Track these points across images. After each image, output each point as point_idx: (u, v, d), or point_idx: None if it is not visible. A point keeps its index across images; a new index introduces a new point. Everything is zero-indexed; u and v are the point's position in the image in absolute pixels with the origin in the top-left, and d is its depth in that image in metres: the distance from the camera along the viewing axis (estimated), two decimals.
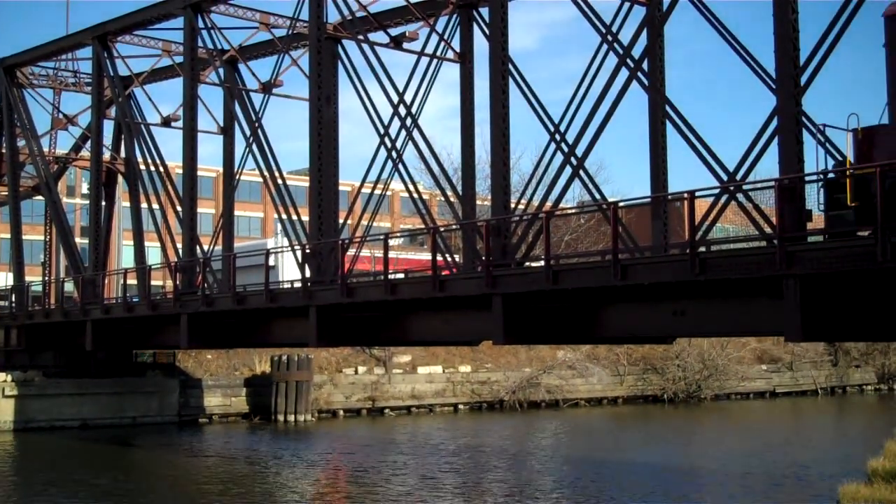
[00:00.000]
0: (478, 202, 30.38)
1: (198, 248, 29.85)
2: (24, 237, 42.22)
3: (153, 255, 43.96)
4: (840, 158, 15.15)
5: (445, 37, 26.33)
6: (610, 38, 19.27)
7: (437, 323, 22.59)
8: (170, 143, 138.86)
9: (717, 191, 17.11)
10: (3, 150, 41.79)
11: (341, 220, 27.67)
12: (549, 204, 20.37)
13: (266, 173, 27.83)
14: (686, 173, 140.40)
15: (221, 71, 33.27)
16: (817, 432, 39.62)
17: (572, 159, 19.92)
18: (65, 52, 39.23)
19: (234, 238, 33.16)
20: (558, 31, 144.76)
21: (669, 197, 21.47)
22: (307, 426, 40.87)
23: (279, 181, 27.66)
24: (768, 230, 15.74)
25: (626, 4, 22.73)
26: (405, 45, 27.87)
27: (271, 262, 27.51)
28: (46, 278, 43.87)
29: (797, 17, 15.25)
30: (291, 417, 41.83)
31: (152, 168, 32.99)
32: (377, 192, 24.59)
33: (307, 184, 26.30)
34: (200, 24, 30.19)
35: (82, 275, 35.54)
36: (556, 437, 38.19)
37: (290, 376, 42.23)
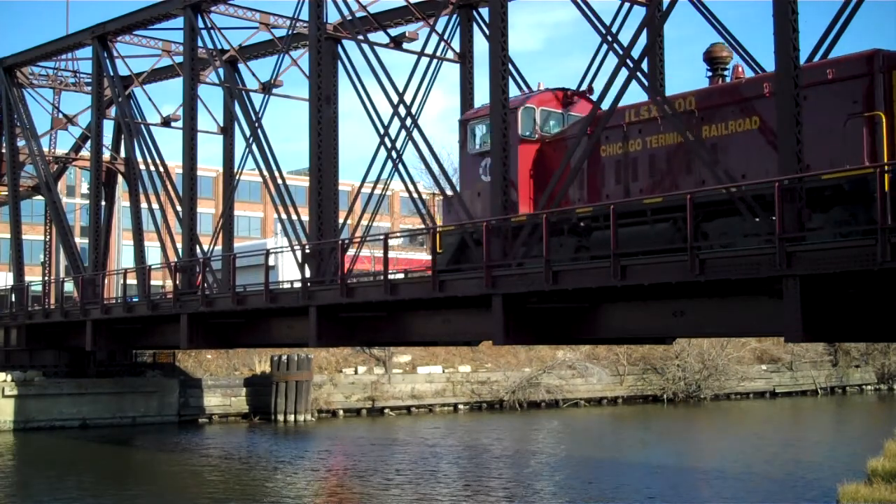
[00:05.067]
0: None
1: (198, 247, 29.84)
2: (24, 237, 42.25)
3: (153, 255, 43.97)
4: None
5: (445, 37, 26.34)
6: (610, 38, 19.25)
7: (437, 323, 22.56)
8: (170, 143, 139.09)
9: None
10: (3, 150, 41.81)
11: (341, 220, 27.67)
12: None
13: (266, 173, 27.81)
14: None
15: (221, 71, 33.29)
16: (817, 432, 39.61)
17: None
18: (65, 52, 39.23)
19: (234, 238, 33.18)
20: (562, 31, 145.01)
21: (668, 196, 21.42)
22: (307, 426, 40.87)
23: (279, 181, 27.65)
24: None
25: (627, 5, 22.77)
26: (405, 46, 27.88)
27: (271, 262, 27.50)
28: (46, 278, 43.89)
29: (797, 18, 15.22)
30: (291, 417, 41.84)
31: (152, 168, 32.98)
32: (377, 192, 24.57)
33: (307, 184, 26.30)
34: (200, 24, 30.19)
35: (82, 275, 35.53)
36: (556, 437, 38.19)
37: (290, 376, 42.22)
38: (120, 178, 44.08)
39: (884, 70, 15.07)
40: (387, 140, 23.88)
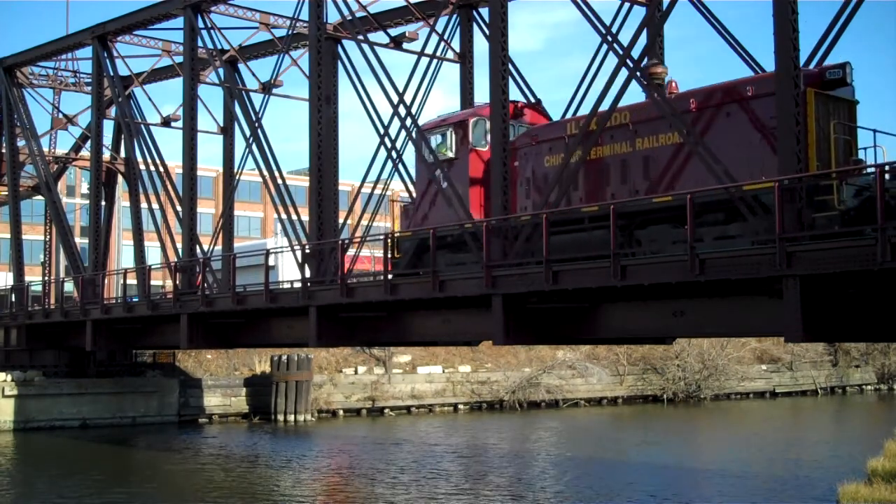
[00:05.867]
0: None
1: (198, 247, 29.84)
2: (24, 237, 42.25)
3: (153, 255, 43.98)
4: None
5: (445, 37, 26.34)
6: (610, 38, 19.25)
7: (437, 323, 22.56)
8: (170, 143, 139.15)
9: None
10: (3, 150, 41.81)
11: (341, 220, 27.66)
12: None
13: (266, 173, 27.81)
14: None
15: (221, 71, 33.29)
16: (817, 432, 39.62)
17: None
18: (65, 52, 39.24)
19: (234, 238, 33.17)
20: (563, 31, 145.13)
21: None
22: (307, 426, 40.88)
23: (279, 181, 27.65)
24: None
25: (627, 5, 22.77)
26: (405, 45, 27.87)
27: (271, 262, 27.50)
28: (46, 278, 43.89)
29: (797, 18, 15.23)
30: (291, 417, 41.86)
31: (152, 168, 32.98)
32: (377, 192, 24.59)
33: (307, 184, 26.29)
34: (200, 24, 30.19)
35: (82, 275, 35.53)
36: (557, 437, 38.19)
37: (290, 376, 42.24)
38: (120, 178, 44.09)
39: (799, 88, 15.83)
40: (387, 140, 23.89)
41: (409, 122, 23.20)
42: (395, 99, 23.43)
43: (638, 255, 16.72)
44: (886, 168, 13.70)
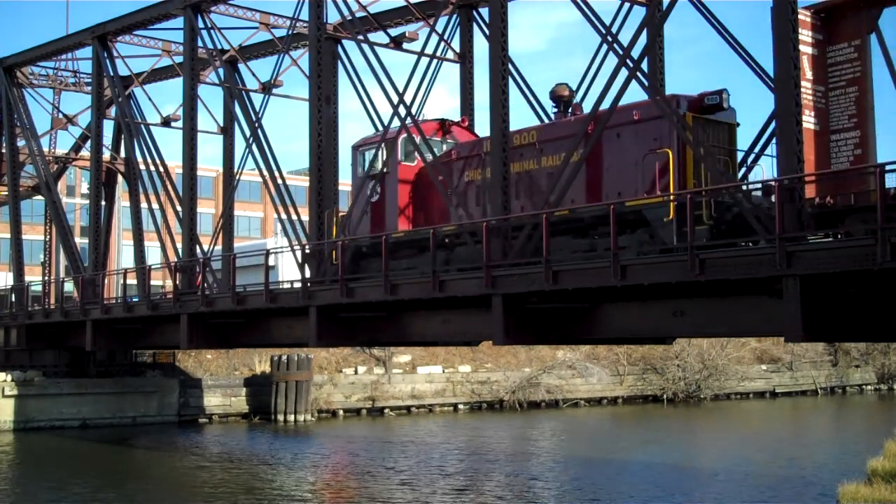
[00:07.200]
0: None
1: (198, 247, 29.84)
2: (24, 237, 42.25)
3: (153, 255, 43.98)
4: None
5: (445, 37, 26.36)
6: (610, 38, 19.26)
7: (437, 323, 22.55)
8: (170, 143, 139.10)
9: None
10: (3, 150, 41.81)
11: None
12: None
13: (266, 173, 27.82)
14: None
15: (221, 71, 33.29)
16: (817, 432, 39.62)
17: None
18: (65, 52, 39.24)
19: (234, 238, 33.17)
20: (566, 31, 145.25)
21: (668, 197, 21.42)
22: (307, 426, 40.88)
23: (279, 181, 27.66)
24: None
25: (627, 5, 22.78)
26: (405, 46, 27.88)
27: (271, 262, 27.49)
28: (46, 278, 43.88)
29: (797, 18, 15.22)
30: (291, 417, 41.85)
31: (152, 168, 32.99)
32: None
33: (307, 184, 26.30)
34: (200, 24, 30.20)
35: (82, 275, 35.53)
36: (556, 437, 38.20)
37: (290, 376, 42.23)
38: (120, 178, 44.10)
39: (679, 112, 17.15)
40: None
41: (409, 121, 23.22)
42: (395, 99, 23.44)
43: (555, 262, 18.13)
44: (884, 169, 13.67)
